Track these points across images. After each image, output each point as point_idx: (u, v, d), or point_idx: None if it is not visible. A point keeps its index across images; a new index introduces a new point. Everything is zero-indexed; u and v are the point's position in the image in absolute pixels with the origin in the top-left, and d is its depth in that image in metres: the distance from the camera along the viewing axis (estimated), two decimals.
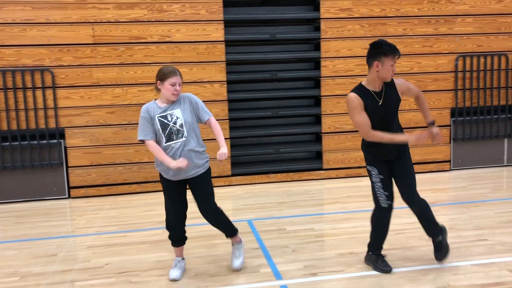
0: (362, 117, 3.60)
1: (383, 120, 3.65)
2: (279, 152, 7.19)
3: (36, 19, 6.36)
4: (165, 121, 3.67)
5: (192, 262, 4.20)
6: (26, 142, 6.46)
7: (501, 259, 4.02)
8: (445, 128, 7.31)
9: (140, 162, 6.77)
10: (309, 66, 7.41)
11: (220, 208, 3.89)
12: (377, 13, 7.00)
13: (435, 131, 3.72)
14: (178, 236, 3.92)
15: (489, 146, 7.50)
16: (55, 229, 5.33)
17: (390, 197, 3.77)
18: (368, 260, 3.98)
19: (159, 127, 3.66)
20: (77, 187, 6.68)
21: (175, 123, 3.67)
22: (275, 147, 7.17)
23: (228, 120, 6.92)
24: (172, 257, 4.15)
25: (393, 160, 3.77)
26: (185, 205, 3.87)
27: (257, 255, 4.31)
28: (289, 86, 7.37)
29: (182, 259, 4.02)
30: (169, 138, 3.66)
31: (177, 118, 3.67)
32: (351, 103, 3.62)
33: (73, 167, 6.65)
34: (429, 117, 3.88)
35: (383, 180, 3.74)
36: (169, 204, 3.83)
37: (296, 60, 7.38)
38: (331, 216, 5.45)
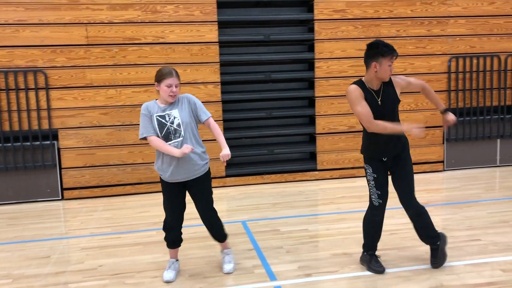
0: (364, 107, 3.57)
1: (381, 119, 3.64)
2: (273, 153, 7.19)
3: (29, 20, 6.33)
4: (163, 121, 3.67)
5: (187, 263, 4.20)
6: (19, 144, 6.42)
7: (494, 259, 4.05)
8: (438, 129, 7.34)
9: (134, 164, 6.75)
10: (303, 67, 7.42)
11: (216, 211, 3.90)
12: (371, 15, 7.03)
13: (451, 118, 3.75)
14: (175, 238, 3.92)
15: (482, 147, 7.54)
16: (48, 231, 5.30)
17: (382, 196, 3.77)
18: (363, 261, 3.99)
19: (157, 127, 3.67)
20: (71, 189, 6.65)
21: (173, 123, 3.67)
22: (269, 148, 7.18)
23: (222, 121, 6.91)
24: (167, 259, 4.14)
25: (393, 160, 3.77)
26: (184, 207, 3.87)
27: (251, 256, 4.31)
28: (283, 87, 7.38)
29: (176, 261, 4.01)
30: (167, 138, 3.66)
31: (175, 118, 3.68)
32: (352, 94, 3.60)
33: (67, 169, 6.62)
34: (441, 105, 3.90)
35: (376, 179, 3.75)
36: (168, 206, 3.83)
37: (290, 61, 7.39)
38: (325, 217, 5.46)
